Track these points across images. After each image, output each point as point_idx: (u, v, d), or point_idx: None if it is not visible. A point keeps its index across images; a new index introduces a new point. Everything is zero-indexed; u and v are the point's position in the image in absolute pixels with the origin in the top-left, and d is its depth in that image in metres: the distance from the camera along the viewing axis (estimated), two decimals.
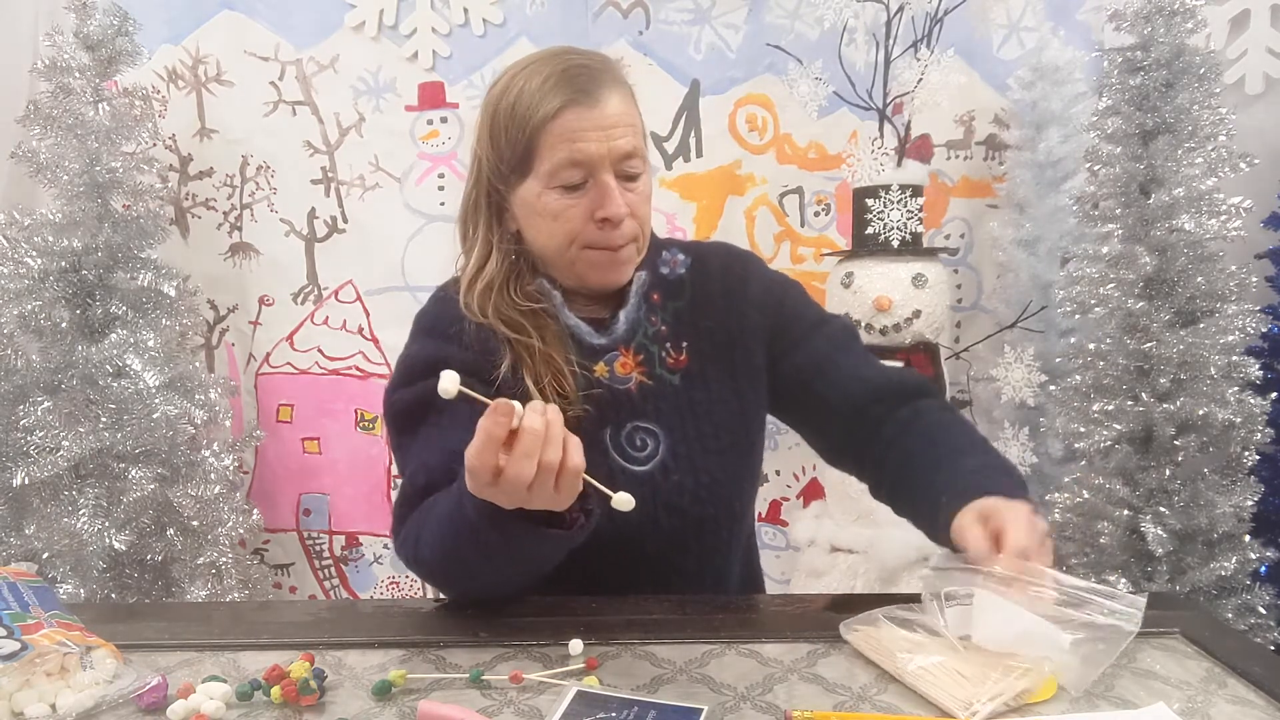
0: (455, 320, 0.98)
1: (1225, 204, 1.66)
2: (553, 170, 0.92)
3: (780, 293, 1.06)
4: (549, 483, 0.70)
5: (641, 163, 0.95)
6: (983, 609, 0.75)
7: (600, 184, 0.92)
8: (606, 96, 0.91)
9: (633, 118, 0.94)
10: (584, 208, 0.93)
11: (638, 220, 0.96)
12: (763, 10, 2.16)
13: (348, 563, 2.37)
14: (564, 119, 0.90)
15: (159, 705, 0.70)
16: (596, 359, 0.98)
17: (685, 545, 0.98)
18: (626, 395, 0.98)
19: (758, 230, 2.24)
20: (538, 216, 0.95)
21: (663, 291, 1.02)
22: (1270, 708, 0.69)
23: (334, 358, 2.31)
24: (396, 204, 2.27)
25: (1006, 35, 2.13)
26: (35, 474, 1.74)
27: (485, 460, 0.69)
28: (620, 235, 0.94)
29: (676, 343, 1.01)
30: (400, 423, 0.96)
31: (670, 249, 1.05)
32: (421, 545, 0.85)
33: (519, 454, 0.68)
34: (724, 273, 1.05)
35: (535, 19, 2.19)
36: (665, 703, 0.70)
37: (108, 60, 1.93)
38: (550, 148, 0.91)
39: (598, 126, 0.90)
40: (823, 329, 1.05)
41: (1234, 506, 1.65)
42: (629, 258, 0.98)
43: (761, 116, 2.21)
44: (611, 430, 0.97)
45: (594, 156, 0.91)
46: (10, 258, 1.80)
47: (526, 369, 0.95)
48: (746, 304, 1.03)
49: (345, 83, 2.24)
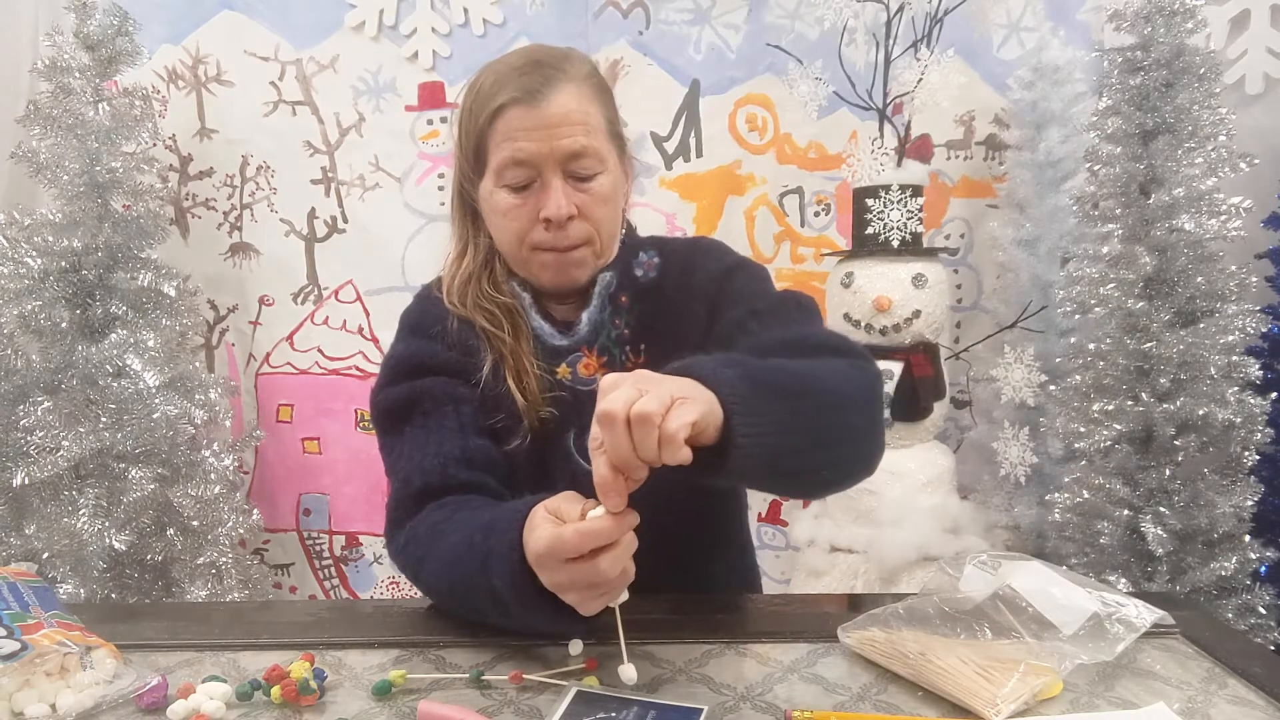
0: (439, 319, 0.99)
1: (1225, 204, 1.66)
2: (498, 169, 0.92)
3: (725, 276, 1.00)
4: (608, 589, 0.68)
5: (596, 162, 0.92)
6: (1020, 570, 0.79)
7: (544, 183, 0.91)
8: (553, 95, 0.90)
9: (587, 116, 0.92)
10: (531, 207, 0.92)
11: (590, 222, 0.93)
12: (763, 10, 2.16)
13: (348, 563, 2.37)
14: (506, 118, 0.90)
15: (159, 705, 0.70)
16: (559, 360, 0.97)
17: (655, 550, 0.96)
18: (590, 397, 0.97)
19: (758, 230, 2.24)
20: (492, 214, 0.96)
21: (632, 294, 1.00)
22: (1270, 708, 0.69)
23: (334, 358, 2.31)
24: (396, 204, 2.27)
25: (1006, 35, 2.13)
26: (35, 474, 1.74)
27: (584, 545, 0.64)
28: (567, 237, 0.93)
29: (635, 346, 0.99)
30: (386, 422, 0.96)
31: (648, 250, 1.03)
32: (426, 570, 0.85)
33: (617, 554, 0.66)
34: (680, 270, 1.02)
35: (535, 19, 2.19)
36: (665, 703, 0.70)
37: (108, 60, 1.94)
38: (496, 146, 0.91)
39: (540, 125, 0.89)
40: (752, 302, 0.96)
41: (1234, 506, 1.65)
42: (582, 260, 0.96)
43: (761, 116, 2.21)
44: (575, 433, 0.96)
45: (535, 155, 0.90)
46: (10, 258, 1.80)
47: (508, 368, 0.95)
48: (691, 298, 0.99)
49: (345, 83, 2.24)
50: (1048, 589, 0.78)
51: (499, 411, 0.95)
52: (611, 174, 0.95)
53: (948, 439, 2.21)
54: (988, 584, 0.80)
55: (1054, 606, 0.76)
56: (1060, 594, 0.77)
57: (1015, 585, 0.78)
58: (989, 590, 0.79)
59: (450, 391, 0.95)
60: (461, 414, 0.94)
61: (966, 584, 0.81)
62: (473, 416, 0.94)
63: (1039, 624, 0.76)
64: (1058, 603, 0.76)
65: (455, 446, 0.91)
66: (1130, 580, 1.68)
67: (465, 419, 0.94)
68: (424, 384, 0.95)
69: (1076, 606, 0.76)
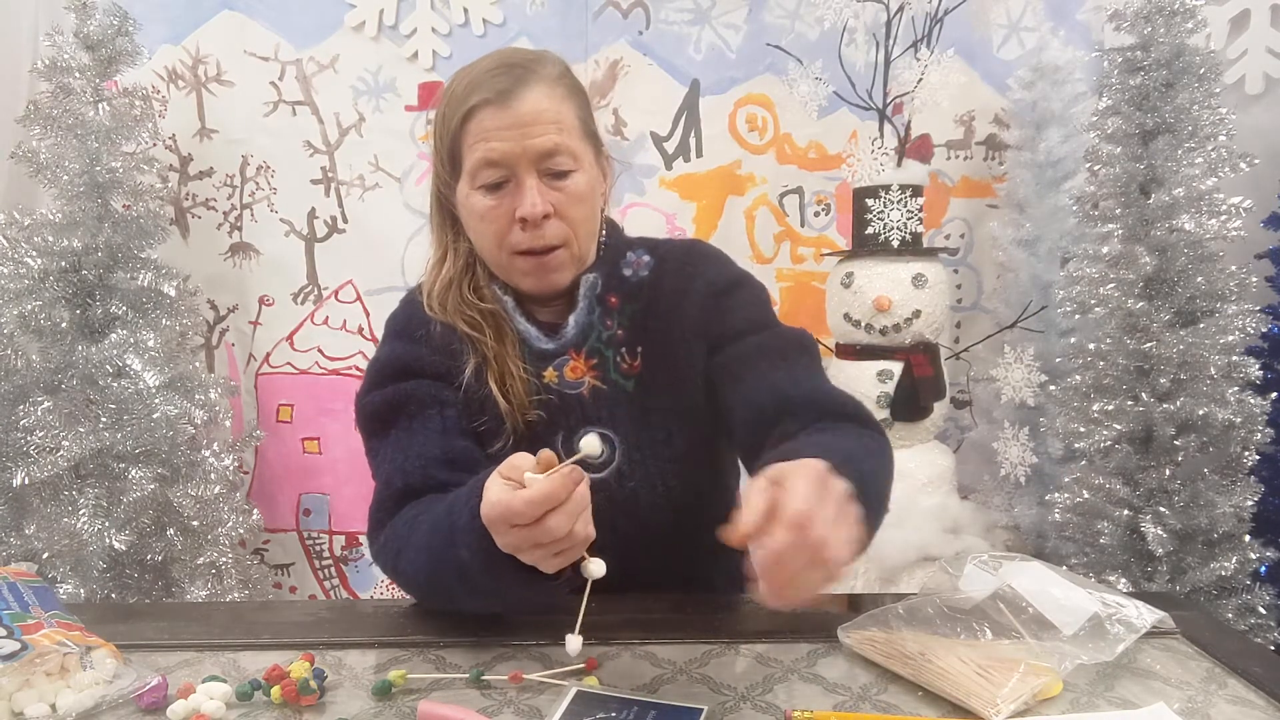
0: (423, 323, 0.99)
1: (1225, 204, 1.66)
2: (472, 170, 0.92)
3: (724, 289, 1.00)
4: (562, 546, 0.67)
5: (570, 160, 0.92)
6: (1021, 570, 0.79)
7: (518, 182, 0.91)
8: (523, 94, 0.90)
9: (559, 115, 0.92)
10: (506, 208, 0.92)
11: (567, 221, 0.93)
12: (763, 10, 2.16)
13: (348, 563, 2.37)
14: (477, 119, 0.91)
15: (159, 705, 0.70)
16: (546, 364, 0.97)
17: (648, 551, 0.95)
18: (578, 400, 0.97)
19: (758, 230, 2.24)
20: (470, 218, 0.96)
21: (622, 294, 1.00)
22: (1270, 708, 0.69)
23: (334, 358, 2.31)
24: (396, 204, 2.27)
25: (1006, 35, 2.13)
26: (35, 474, 1.74)
27: (533, 512, 0.64)
28: (543, 237, 0.92)
29: (632, 348, 0.99)
30: (371, 425, 0.97)
31: (638, 249, 1.03)
32: (403, 560, 0.85)
33: (564, 513, 0.65)
34: (677, 272, 1.01)
35: (535, 19, 2.19)
36: (665, 703, 0.70)
37: (108, 60, 1.93)
38: (469, 148, 0.92)
39: (511, 125, 0.90)
40: (757, 334, 0.97)
41: (1234, 506, 1.65)
42: (560, 263, 0.96)
43: (761, 116, 2.21)
44: (564, 435, 0.96)
45: (507, 155, 0.90)
46: (10, 258, 1.80)
47: (491, 371, 0.95)
48: (690, 303, 0.99)
49: (345, 83, 2.24)
50: (1048, 589, 0.78)
51: (483, 414, 0.95)
52: (587, 173, 0.95)
53: (948, 439, 2.21)
54: (988, 584, 0.80)
55: (1054, 607, 0.76)
56: (1060, 594, 0.77)
57: (1015, 585, 0.78)
58: (989, 590, 0.79)
59: (434, 394, 0.95)
60: (445, 417, 0.94)
61: (966, 584, 0.81)
62: (456, 419, 0.94)
63: (1039, 624, 0.76)
64: (1058, 603, 0.76)
65: (437, 448, 0.91)
66: (1130, 580, 1.68)
67: (449, 421, 0.94)
68: (408, 387, 0.95)
69: (1077, 607, 0.76)
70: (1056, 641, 0.74)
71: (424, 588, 0.87)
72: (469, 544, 0.72)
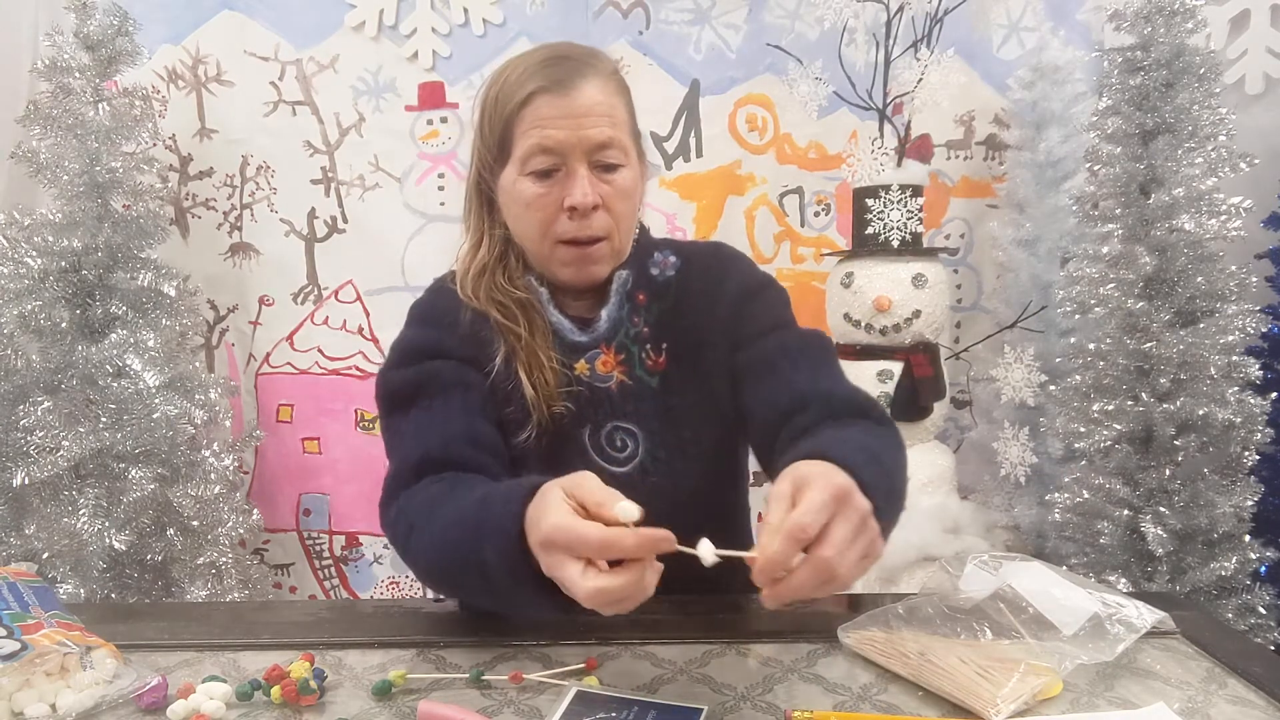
0: (451, 310, 0.99)
1: (1225, 204, 1.66)
2: (524, 156, 0.92)
3: (753, 291, 1.02)
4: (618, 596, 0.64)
5: (621, 154, 0.93)
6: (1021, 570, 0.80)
7: (570, 171, 0.92)
8: (581, 85, 0.91)
9: (613, 109, 0.93)
10: (555, 196, 0.92)
11: (612, 215, 0.94)
12: (763, 10, 2.16)
13: (348, 563, 2.37)
14: (534, 105, 0.91)
15: (159, 705, 0.70)
16: (578, 356, 0.97)
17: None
18: (606, 394, 0.97)
19: (758, 230, 2.24)
20: (515, 204, 0.96)
21: (649, 292, 1.01)
22: (1270, 708, 0.69)
23: (334, 358, 2.31)
24: (396, 204, 2.27)
25: (1006, 35, 2.13)
26: (35, 474, 1.74)
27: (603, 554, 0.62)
28: (589, 227, 0.93)
29: (657, 345, 1.00)
30: (392, 402, 0.96)
31: (663, 250, 1.04)
32: (415, 539, 0.82)
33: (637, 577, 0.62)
34: (704, 274, 1.03)
35: (535, 19, 2.19)
36: (665, 703, 0.70)
37: (108, 60, 1.93)
38: (523, 134, 0.92)
39: (568, 114, 0.90)
40: (777, 334, 0.99)
41: (1234, 506, 1.64)
42: (601, 256, 0.96)
43: (761, 116, 2.21)
44: (591, 429, 0.97)
45: (563, 143, 0.90)
46: (10, 258, 1.80)
47: (520, 361, 0.95)
48: (718, 304, 1.01)
49: (345, 83, 2.24)
50: (1048, 589, 0.78)
51: (508, 404, 0.95)
52: (633, 169, 0.96)
53: (948, 439, 2.21)
54: (988, 584, 0.80)
55: (1054, 607, 0.76)
56: (1060, 594, 0.77)
57: (1015, 585, 0.78)
58: (989, 590, 0.79)
59: (459, 376, 0.94)
60: (469, 399, 0.93)
61: (966, 584, 0.81)
62: (481, 403, 0.94)
63: (1039, 624, 0.76)
64: (1058, 603, 0.76)
65: (460, 425, 0.90)
66: (1130, 580, 1.68)
67: (473, 404, 0.93)
68: (433, 366, 0.95)
69: (1077, 607, 0.76)
70: (1056, 641, 0.74)
71: (434, 574, 0.84)
72: (498, 546, 0.69)
